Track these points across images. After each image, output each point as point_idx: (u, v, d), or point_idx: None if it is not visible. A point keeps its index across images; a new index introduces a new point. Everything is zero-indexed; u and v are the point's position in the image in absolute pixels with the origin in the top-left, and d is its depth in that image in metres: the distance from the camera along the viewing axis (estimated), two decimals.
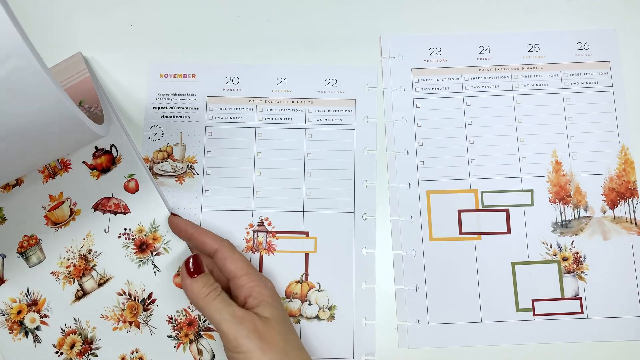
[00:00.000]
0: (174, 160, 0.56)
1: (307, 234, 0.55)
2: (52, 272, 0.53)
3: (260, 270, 0.54)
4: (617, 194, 0.56)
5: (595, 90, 0.58)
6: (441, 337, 0.53)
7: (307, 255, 0.54)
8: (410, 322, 0.53)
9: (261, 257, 0.54)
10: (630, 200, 0.56)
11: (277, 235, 0.54)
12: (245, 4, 0.60)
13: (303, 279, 0.54)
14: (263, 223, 0.55)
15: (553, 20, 0.59)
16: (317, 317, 0.53)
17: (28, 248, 0.53)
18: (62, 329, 0.52)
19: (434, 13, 0.60)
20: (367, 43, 0.59)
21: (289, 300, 0.53)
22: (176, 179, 0.55)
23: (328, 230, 0.55)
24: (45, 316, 0.52)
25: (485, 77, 0.58)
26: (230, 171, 0.56)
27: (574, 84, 0.58)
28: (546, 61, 0.58)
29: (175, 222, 0.52)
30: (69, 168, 0.54)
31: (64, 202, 0.54)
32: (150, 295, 0.52)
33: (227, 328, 0.43)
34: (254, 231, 0.54)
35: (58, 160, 0.54)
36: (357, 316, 0.53)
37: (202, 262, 0.48)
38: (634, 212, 0.55)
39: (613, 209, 0.56)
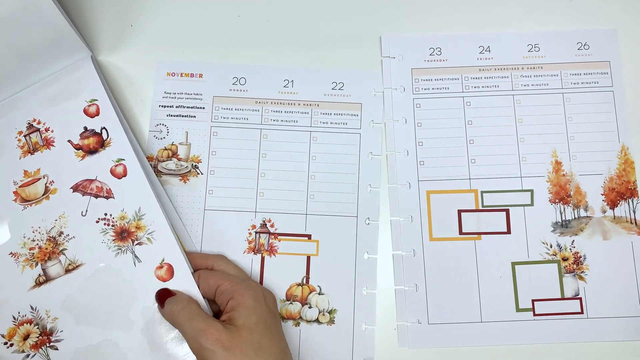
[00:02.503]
0: (179, 159, 0.56)
1: (309, 236, 0.55)
2: (11, 253, 0.49)
3: (262, 272, 0.54)
4: (617, 194, 0.56)
5: (595, 90, 0.58)
6: (441, 337, 0.53)
7: (308, 258, 0.54)
8: (410, 322, 0.54)
9: (263, 259, 0.54)
10: (630, 200, 0.56)
11: (279, 237, 0.55)
12: (245, 4, 0.60)
13: (304, 281, 0.54)
14: (265, 224, 0.55)
15: (553, 20, 0.59)
16: (317, 320, 0.53)
17: None
18: (14, 318, 0.48)
19: (434, 13, 0.60)
20: (367, 43, 0.59)
21: (289, 302, 0.54)
22: (180, 177, 0.56)
23: (330, 234, 0.55)
24: None
25: (485, 77, 0.58)
26: (235, 172, 0.56)
27: (574, 84, 0.58)
28: (546, 61, 0.58)
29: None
30: (52, 145, 0.52)
31: (39, 179, 0.51)
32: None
33: (190, 341, 0.44)
34: (256, 232, 0.55)
35: (40, 136, 0.52)
36: (357, 321, 0.53)
37: (167, 290, 0.48)
38: (634, 212, 0.55)
39: (613, 209, 0.56)
